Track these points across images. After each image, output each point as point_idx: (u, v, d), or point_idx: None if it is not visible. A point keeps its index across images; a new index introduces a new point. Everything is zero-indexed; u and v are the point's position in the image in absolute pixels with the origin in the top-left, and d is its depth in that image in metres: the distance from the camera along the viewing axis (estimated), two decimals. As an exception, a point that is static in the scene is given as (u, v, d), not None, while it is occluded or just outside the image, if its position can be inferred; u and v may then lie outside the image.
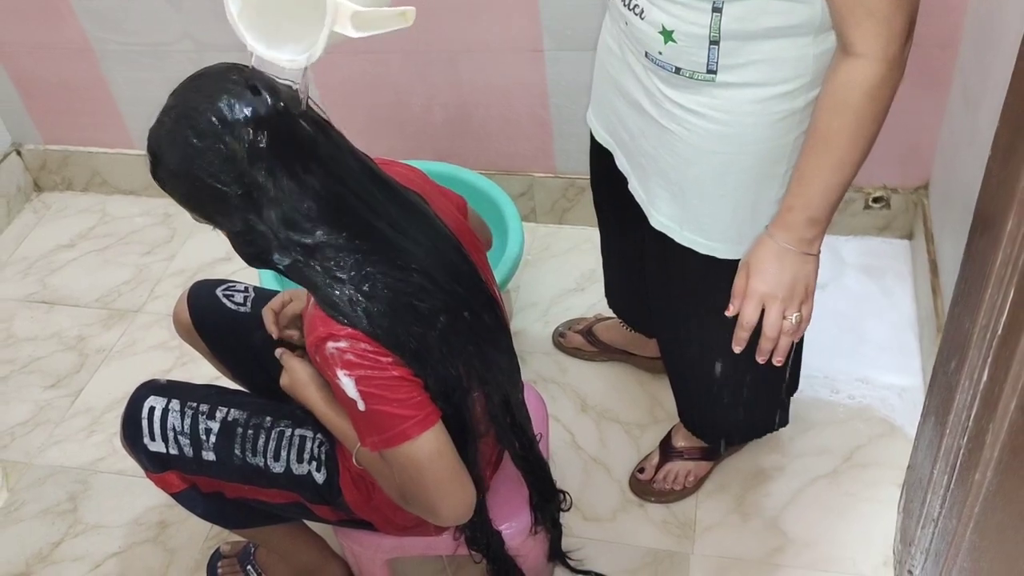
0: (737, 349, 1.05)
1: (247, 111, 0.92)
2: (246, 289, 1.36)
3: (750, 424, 1.46)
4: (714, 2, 0.92)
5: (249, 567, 1.49)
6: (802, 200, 0.98)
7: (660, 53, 1.00)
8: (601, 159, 1.29)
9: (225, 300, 1.34)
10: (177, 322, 1.37)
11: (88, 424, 1.81)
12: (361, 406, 0.97)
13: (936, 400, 1.05)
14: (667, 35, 0.98)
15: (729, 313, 1.05)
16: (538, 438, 1.25)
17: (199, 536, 1.59)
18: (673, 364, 1.42)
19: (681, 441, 1.54)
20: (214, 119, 0.92)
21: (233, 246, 1.00)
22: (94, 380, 1.89)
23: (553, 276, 1.97)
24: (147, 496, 1.65)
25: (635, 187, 1.20)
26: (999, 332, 0.83)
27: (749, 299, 1.03)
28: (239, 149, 0.92)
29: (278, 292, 1.34)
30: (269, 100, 0.93)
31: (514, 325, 1.86)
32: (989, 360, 0.84)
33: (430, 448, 0.99)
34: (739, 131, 1.01)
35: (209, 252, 2.11)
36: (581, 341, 1.77)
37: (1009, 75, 0.82)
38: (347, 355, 0.96)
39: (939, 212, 1.73)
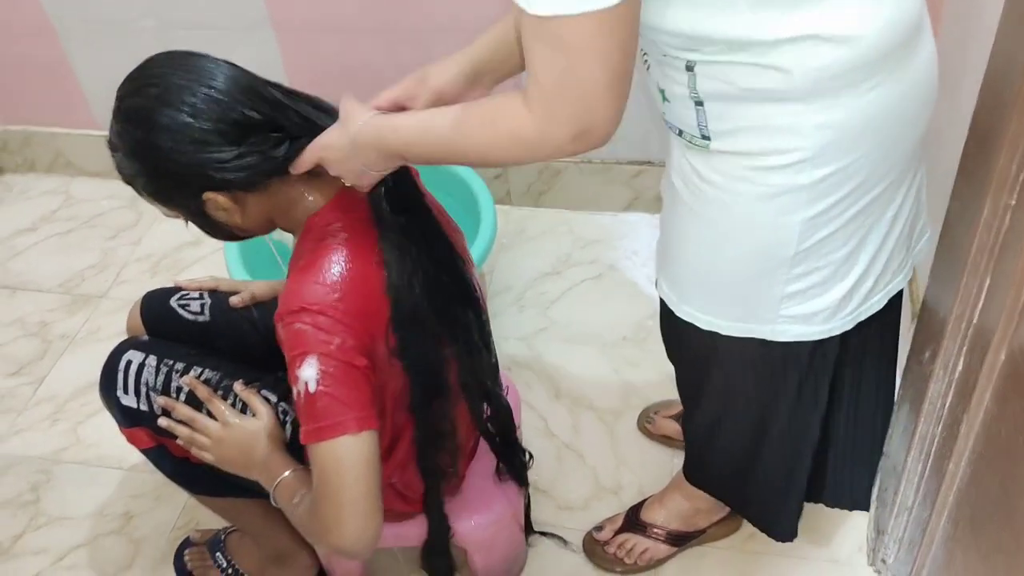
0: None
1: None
2: (201, 296, 1.32)
3: (744, 502, 1.35)
4: (687, 61, 0.86)
5: (218, 554, 1.46)
6: (403, 138, 0.91)
7: (664, 113, 0.95)
8: None
9: (181, 311, 1.30)
10: (130, 336, 1.33)
11: (51, 412, 1.76)
12: (312, 387, 0.94)
13: (910, 389, 1.04)
14: (662, 94, 0.93)
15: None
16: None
17: (165, 527, 1.56)
18: (687, 420, 1.34)
19: (651, 516, 1.43)
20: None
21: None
22: (57, 367, 1.85)
23: (529, 260, 1.94)
24: (112, 487, 1.62)
25: (658, 254, 1.13)
26: (974, 321, 0.81)
27: (313, 150, 0.97)
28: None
29: (234, 293, 1.31)
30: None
31: (488, 309, 1.83)
32: (964, 349, 0.83)
33: (359, 453, 0.95)
34: (734, 199, 0.93)
35: (176, 237, 2.06)
36: (674, 428, 1.56)
37: (984, 63, 0.79)
38: (319, 332, 0.93)
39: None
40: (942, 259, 0.91)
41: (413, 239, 1.03)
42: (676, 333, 1.14)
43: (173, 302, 1.31)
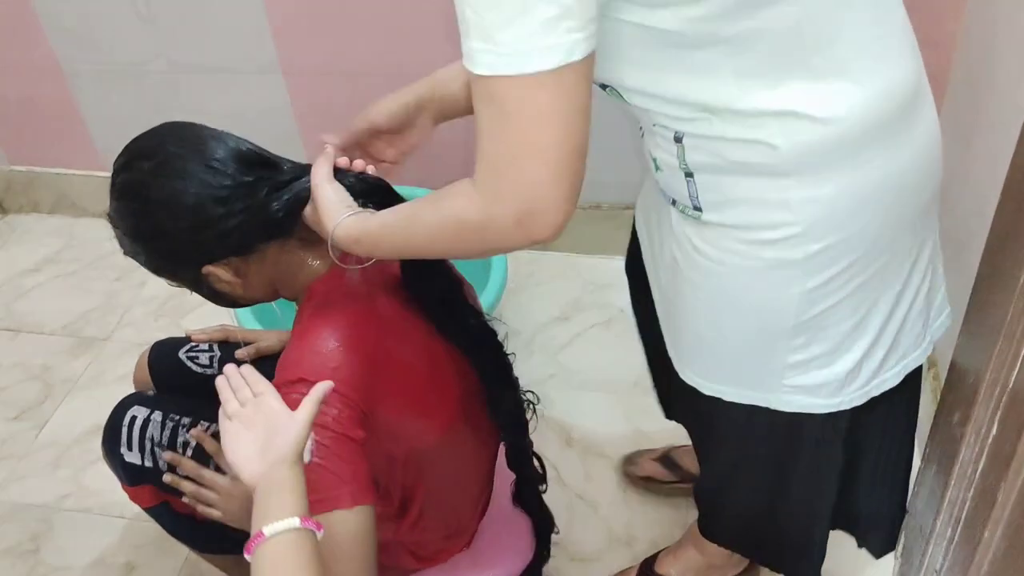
0: None
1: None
2: (211, 348, 1.31)
3: (763, 554, 1.32)
4: (675, 132, 0.85)
5: None
6: (370, 239, 0.90)
7: (658, 182, 0.94)
8: (636, 242, 1.21)
9: (190, 363, 1.29)
10: (138, 388, 1.31)
11: (53, 458, 1.74)
12: (307, 458, 0.91)
13: (938, 449, 1.02)
14: (655, 163, 0.92)
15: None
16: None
17: (168, 579, 1.53)
18: (699, 476, 1.32)
19: (665, 569, 1.40)
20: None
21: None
22: (60, 412, 1.82)
23: (538, 304, 1.93)
24: (114, 536, 1.59)
25: (657, 303, 1.11)
26: (1009, 386, 0.80)
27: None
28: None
29: (244, 343, 1.30)
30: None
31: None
32: (999, 416, 0.81)
33: (353, 528, 0.91)
34: (728, 271, 0.91)
35: (181, 278, 2.05)
36: (657, 469, 1.56)
37: (1006, 113, 0.78)
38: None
39: (928, 243, 1.71)
40: (973, 321, 0.90)
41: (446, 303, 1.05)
42: (681, 395, 1.11)
43: (182, 354, 1.30)
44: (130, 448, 1.17)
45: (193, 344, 1.31)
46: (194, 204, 0.93)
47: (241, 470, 0.83)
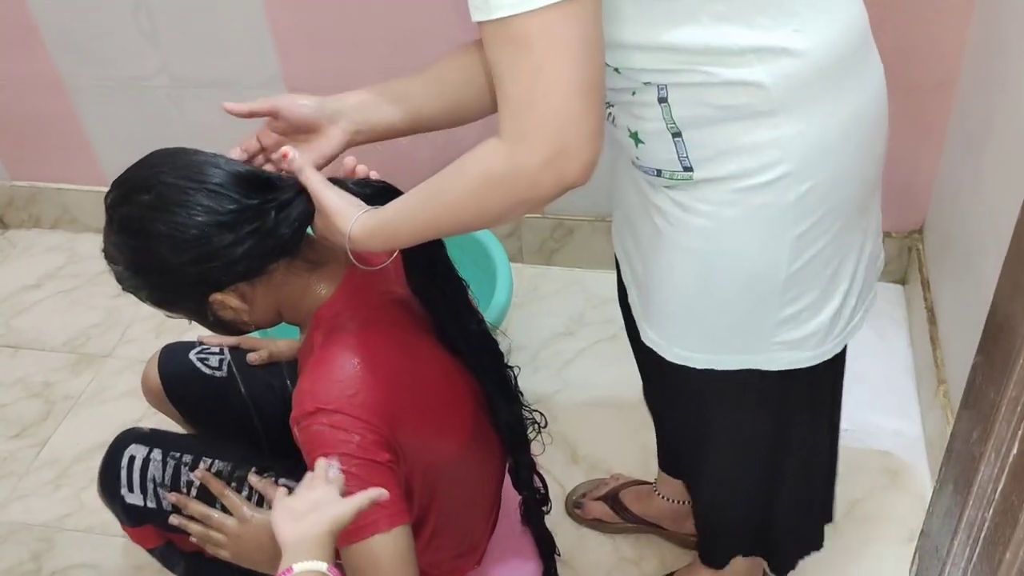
0: None
1: None
2: (221, 351, 1.29)
3: (768, 546, 1.31)
4: (658, 92, 0.86)
5: None
6: (389, 229, 0.89)
7: (638, 158, 0.94)
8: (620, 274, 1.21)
9: (200, 364, 1.27)
10: (147, 389, 1.30)
11: (54, 477, 1.72)
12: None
13: (955, 468, 1.01)
14: (635, 137, 0.91)
15: None
16: None
17: (171, 600, 1.51)
18: (697, 496, 1.31)
19: None
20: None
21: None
22: (61, 429, 1.80)
23: (542, 319, 1.92)
24: (116, 556, 1.57)
25: (633, 300, 1.11)
26: (1030, 405, 0.78)
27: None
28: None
29: (252, 351, 1.29)
30: None
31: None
32: (1020, 434, 0.80)
33: (395, 548, 0.91)
34: (721, 227, 0.91)
35: (183, 293, 2.03)
36: (604, 511, 1.54)
37: (1016, 119, 0.77)
38: (337, 431, 0.90)
39: (936, 258, 1.70)
40: (990, 339, 0.89)
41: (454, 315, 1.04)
42: (669, 388, 1.11)
43: (192, 355, 1.29)
44: (131, 489, 1.14)
45: (204, 346, 1.30)
46: (199, 234, 0.91)
47: (278, 529, 0.85)
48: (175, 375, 1.28)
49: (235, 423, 1.26)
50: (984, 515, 0.90)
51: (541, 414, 1.23)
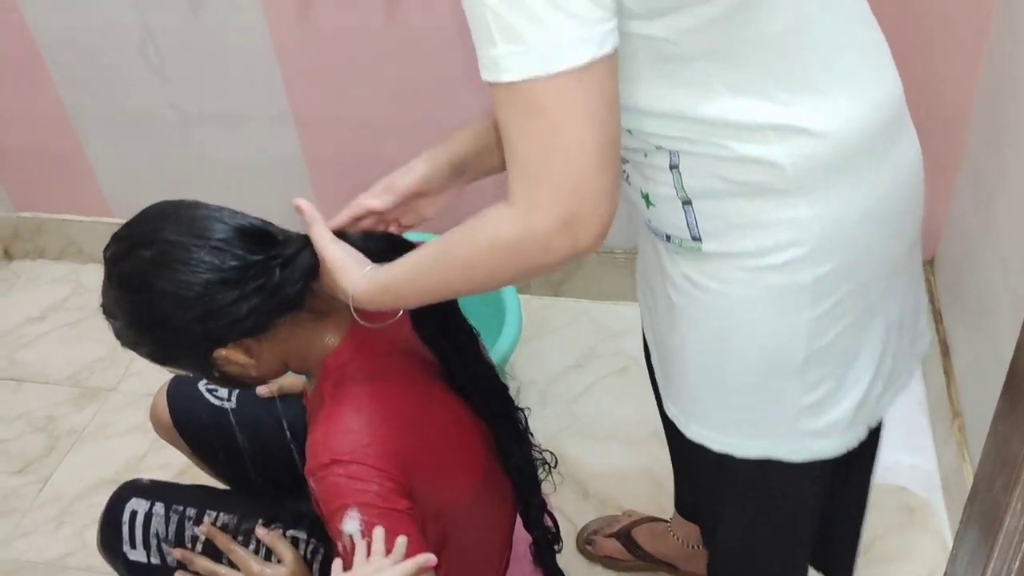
0: None
1: None
2: None
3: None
4: (670, 159, 0.82)
5: None
6: (395, 290, 0.87)
7: (650, 220, 0.91)
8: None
9: (208, 395, 1.26)
10: (155, 420, 1.28)
11: (57, 514, 1.69)
12: (359, 539, 0.89)
13: (979, 513, 0.99)
14: (647, 199, 0.88)
15: None
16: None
17: (176, 642, 1.48)
18: (711, 548, 1.26)
19: None
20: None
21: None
22: (64, 465, 1.78)
23: (551, 352, 1.90)
24: (120, 597, 1.55)
25: (655, 363, 1.08)
26: (1060, 455, 0.76)
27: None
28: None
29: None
30: None
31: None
32: (1049, 486, 0.78)
33: None
34: (731, 303, 0.87)
35: (189, 326, 2.02)
36: (616, 548, 1.51)
37: None
38: (354, 481, 0.89)
39: (948, 290, 1.69)
40: (1013, 386, 0.87)
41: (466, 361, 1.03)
42: (688, 455, 1.06)
43: (201, 386, 1.27)
44: (133, 546, 1.12)
45: None
46: (202, 291, 0.89)
47: None
48: (184, 406, 1.27)
49: (243, 453, 1.24)
50: (1011, 566, 0.88)
51: (552, 454, 1.21)
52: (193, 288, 0.89)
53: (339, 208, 0.99)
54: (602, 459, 1.68)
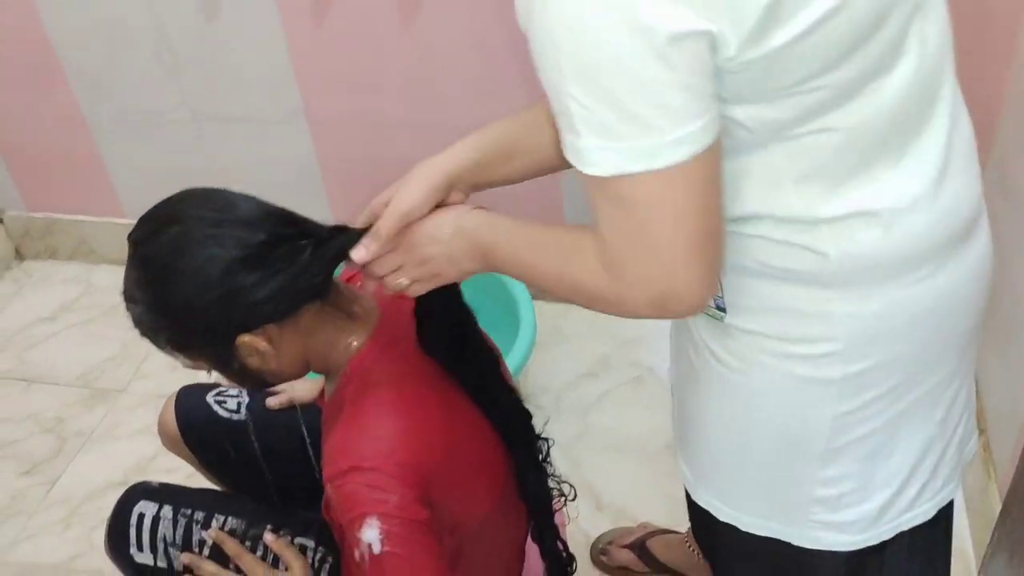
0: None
1: None
2: (239, 394, 1.26)
3: None
4: None
5: None
6: (509, 247, 0.81)
7: None
8: None
9: (217, 407, 1.24)
10: (163, 432, 1.27)
11: (65, 516, 1.68)
12: (377, 548, 0.86)
13: (1008, 538, 0.96)
14: None
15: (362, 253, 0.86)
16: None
17: (182, 648, 1.47)
18: None
19: None
20: None
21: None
22: (73, 466, 1.77)
23: (565, 361, 1.88)
24: (126, 602, 1.53)
25: (673, 415, 1.03)
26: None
27: (393, 215, 0.86)
28: None
29: (270, 395, 1.25)
30: None
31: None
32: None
33: None
34: (753, 384, 0.82)
35: (199, 328, 2.01)
36: (631, 559, 1.49)
37: None
38: (375, 490, 0.87)
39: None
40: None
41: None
42: (697, 514, 1.01)
43: (209, 398, 1.26)
44: (140, 549, 1.11)
45: (222, 388, 1.27)
46: (227, 269, 0.87)
47: None
48: (192, 418, 1.25)
49: (251, 469, 1.23)
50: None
51: (570, 486, 1.18)
52: (218, 263, 0.86)
53: (351, 210, 0.96)
54: (617, 469, 1.66)
